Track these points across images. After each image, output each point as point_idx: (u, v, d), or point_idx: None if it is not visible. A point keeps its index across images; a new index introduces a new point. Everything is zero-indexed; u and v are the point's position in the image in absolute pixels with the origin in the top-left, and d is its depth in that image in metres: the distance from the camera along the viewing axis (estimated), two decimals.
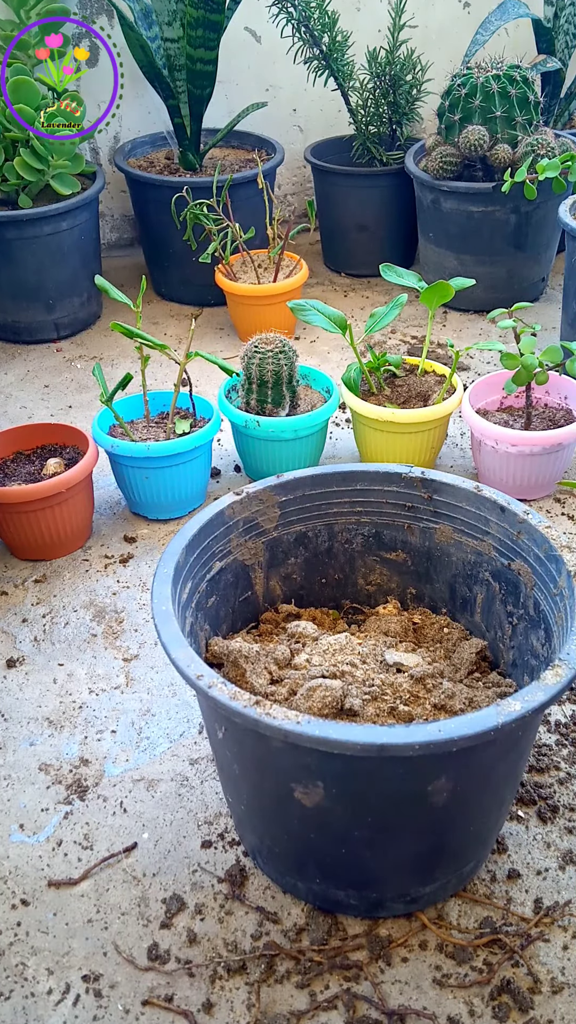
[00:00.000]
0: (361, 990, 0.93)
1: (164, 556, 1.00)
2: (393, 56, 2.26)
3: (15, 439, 1.60)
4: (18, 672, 1.32)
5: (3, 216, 2.00)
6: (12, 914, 1.01)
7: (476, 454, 1.63)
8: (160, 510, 1.59)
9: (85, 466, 1.49)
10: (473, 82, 2.04)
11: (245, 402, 1.63)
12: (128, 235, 2.64)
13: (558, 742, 1.18)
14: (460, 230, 2.14)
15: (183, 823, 1.10)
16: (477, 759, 0.86)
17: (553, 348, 1.55)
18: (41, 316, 2.15)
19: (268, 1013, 0.92)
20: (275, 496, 1.14)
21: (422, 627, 1.17)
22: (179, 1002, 0.93)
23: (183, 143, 2.27)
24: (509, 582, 1.07)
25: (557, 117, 2.45)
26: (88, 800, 1.13)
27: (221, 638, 1.06)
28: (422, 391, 1.65)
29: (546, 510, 1.59)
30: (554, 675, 0.84)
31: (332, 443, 1.79)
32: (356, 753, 0.79)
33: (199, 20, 2.02)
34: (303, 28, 2.19)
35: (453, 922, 0.99)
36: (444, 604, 1.19)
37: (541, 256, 2.18)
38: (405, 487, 1.15)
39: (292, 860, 0.98)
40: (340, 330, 1.56)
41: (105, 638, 1.37)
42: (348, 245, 2.43)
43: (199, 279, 2.22)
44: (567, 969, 0.95)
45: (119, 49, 2.28)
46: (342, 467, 1.16)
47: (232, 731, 0.90)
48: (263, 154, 2.34)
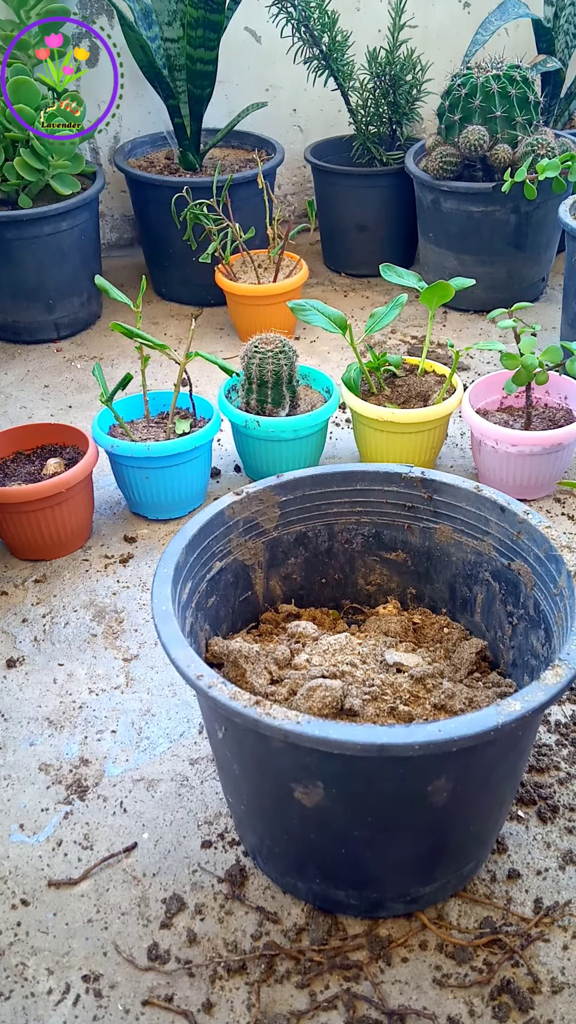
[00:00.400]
0: (361, 990, 0.93)
1: (164, 556, 1.00)
2: (393, 56, 2.26)
3: (15, 439, 1.60)
4: (18, 672, 1.32)
5: (3, 216, 2.00)
6: (12, 914, 1.01)
7: (476, 454, 1.63)
8: (160, 510, 1.59)
9: (85, 466, 1.49)
10: (473, 82, 2.04)
11: (245, 402, 1.63)
12: (128, 235, 2.64)
13: (558, 742, 1.18)
14: (460, 230, 2.14)
15: (183, 823, 1.10)
16: (477, 759, 0.86)
17: (553, 348, 1.55)
18: (41, 316, 2.15)
19: (268, 1013, 0.92)
20: (275, 496, 1.14)
21: (422, 627, 1.17)
22: (179, 1002, 0.93)
23: (183, 143, 2.27)
24: (509, 582, 1.07)
25: (557, 117, 2.45)
26: (88, 800, 1.13)
27: (221, 638, 1.06)
28: (422, 391, 1.65)
29: (546, 510, 1.59)
30: (554, 675, 0.84)
31: (332, 443, 1.79)
32: (356, 753, 0.79)
33: (199, 20, 2.02)
34: (303, 28, 2.19)
35: (453, 922, 0.99)
36: (444, 604, 1.19)
37: (541, 256, 2.18)
38: (405, 487, 1.15)
39: (292, 860, 0.98)
40: (340, 330, 1.56)
41: (105, 638, 1.37)
42: (348, 245, 2.43)
43: (199, 279, 2.22)
44: (567, 969, 0.95)
45: (119, 49, 2.28)
46: (342, 467, 1.16)
47: (232, 731, 0.90)
48: (263, 154, 2.34)
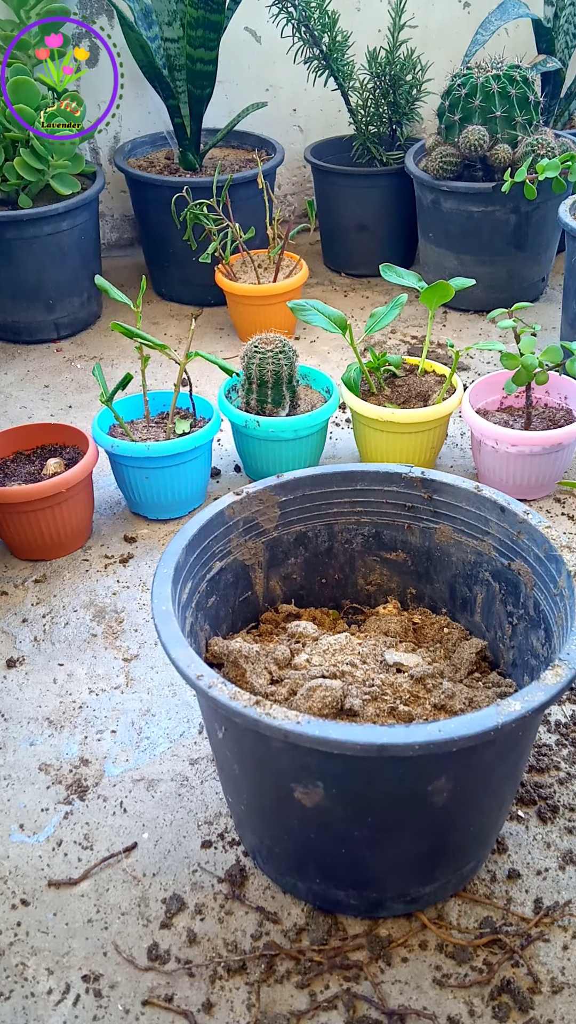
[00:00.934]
0: (361, 990, 0.93)
1: (164, 556, 1.00)
2: (393, 56, 2.26)
3: (15, 439, 1.60)
4: (18, 672, 1.32)
5: (3, 216, 2.00)
6: (12, 914, 1.01)
7: (476, 454, 1.63)
8: (160, 510, 1.59)
9: (85, 466, 1.49)
10: (473, 82, 2.04)
11: (245, 402, 1.63)
12: (128, 235, 2.64)
13: (558, 742, 1.18)
14: (460, 230, 2.14)
15: (183, 823, 1.10)
16: (477, 759, 0.86)
17: (553, 348, 1.55)
18: (41, 316, 2.15)
19: (268, 1013, 0.92)
20: (275, 496, 1.14)
21: (422, 627, 1.17)
22: (179, 1002, 0.93)
23: (183, 143, 2.27)
24: (509, 582, 1.07)
25: (557, 117, 2.45)
26: (88, 800, 1.13)
27: (221, 638, 1.06)
28: (422, 391, 1.65)
29: (546, 510, 1.59)
30: (554, 675, 0.84)
31: (332, 443, 1.79)
32: (356, 753, 0.79)
33: (199, 20, 2.02)
34: (303, 28, 2.19)
35: (453, 922, 0.99)
36: (444, 604, 1.19)
37: (541, 256, 2.18)
38: (405, 487, 1.15)
39: (292, 860, 0.98)
40: (340, 330, 1.56)
41: (105, 638, 1.37)
42: (348, 245, 2.42)
43: (199, 279, 2.21)
44: (567, 969, 0.95)
45: (119, 49, 2.28)
46: (342, 467, 1.16)
47: (232, 731, 0.90)
48: (263, 154, 2.34)
